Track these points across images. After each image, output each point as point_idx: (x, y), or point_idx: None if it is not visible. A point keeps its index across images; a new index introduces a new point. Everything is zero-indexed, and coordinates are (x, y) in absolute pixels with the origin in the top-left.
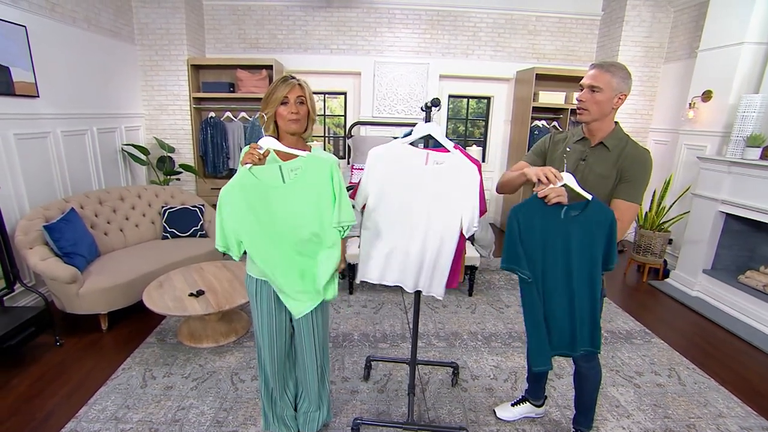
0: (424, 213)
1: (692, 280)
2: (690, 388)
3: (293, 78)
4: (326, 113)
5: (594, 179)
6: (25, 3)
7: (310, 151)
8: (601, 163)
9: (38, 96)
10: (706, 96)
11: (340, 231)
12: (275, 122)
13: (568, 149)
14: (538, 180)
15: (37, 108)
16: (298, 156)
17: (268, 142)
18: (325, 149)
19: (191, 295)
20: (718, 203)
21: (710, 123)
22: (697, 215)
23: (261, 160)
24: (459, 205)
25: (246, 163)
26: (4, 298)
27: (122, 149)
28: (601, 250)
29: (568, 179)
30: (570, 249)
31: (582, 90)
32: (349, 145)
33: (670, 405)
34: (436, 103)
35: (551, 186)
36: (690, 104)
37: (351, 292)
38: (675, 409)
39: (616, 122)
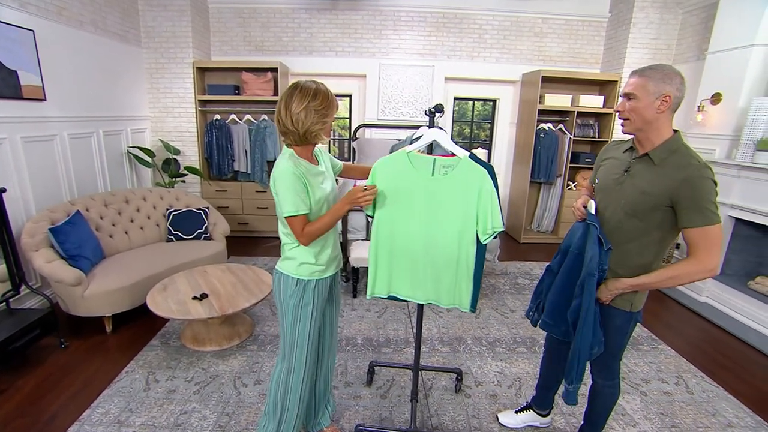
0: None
1: (701, 285)
2: (698, 397)
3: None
4: None
5: (633, 194)
6: (33, 7)
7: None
8: (643, 177)
9: (45, 99)
10: (715, 99)
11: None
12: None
13: (616, 159)
14: None
15: (44, 111)
16: (454, 155)
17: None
18: (330, 151)
19: (195, 298)
20: (728, 208)
21: (719, 126)
22: None
23: None
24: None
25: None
26: (10, 300)
27: (128, 152)
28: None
29: (437, 136)
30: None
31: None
32: (354, 148)
33: (677, 414)
34: (439, 109)
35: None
36: (698, 107)
37: (355, 296)
38: (683, 418)
39: (676, 130)
